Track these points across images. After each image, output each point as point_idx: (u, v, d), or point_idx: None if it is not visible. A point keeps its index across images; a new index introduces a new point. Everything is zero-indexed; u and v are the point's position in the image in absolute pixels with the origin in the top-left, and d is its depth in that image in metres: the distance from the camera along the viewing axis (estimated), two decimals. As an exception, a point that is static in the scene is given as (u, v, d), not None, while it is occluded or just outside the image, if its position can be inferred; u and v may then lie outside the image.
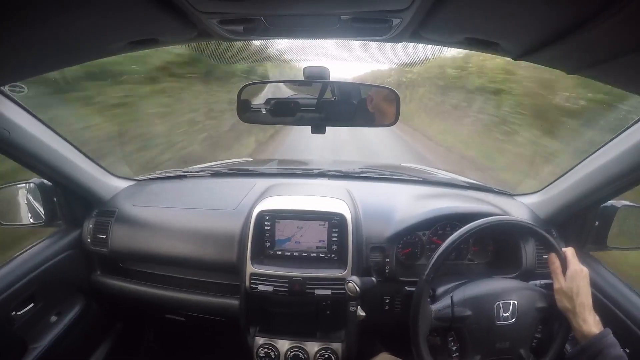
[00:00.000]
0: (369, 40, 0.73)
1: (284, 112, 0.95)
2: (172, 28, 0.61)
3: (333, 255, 1.08)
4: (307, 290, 1.03)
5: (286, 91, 1.03)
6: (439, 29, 0.61)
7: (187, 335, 1.59)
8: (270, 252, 1.09)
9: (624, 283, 1.02)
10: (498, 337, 0.82)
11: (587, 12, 0.42)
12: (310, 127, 0.93)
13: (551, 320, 0.87)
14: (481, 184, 1.43)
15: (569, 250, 0.84)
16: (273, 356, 1.09)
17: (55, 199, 1.18)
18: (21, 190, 1.19)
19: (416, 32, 0.63)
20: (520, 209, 1.24)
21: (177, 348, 1.61)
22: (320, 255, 1.08)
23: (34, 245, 1.12)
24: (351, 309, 1.06)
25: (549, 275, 0.85)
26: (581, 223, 1.13)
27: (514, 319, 0.81)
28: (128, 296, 1.23)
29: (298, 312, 1.15)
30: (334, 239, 1.07)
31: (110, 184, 1.30)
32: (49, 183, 1.15)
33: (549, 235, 0.85)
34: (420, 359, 0.82)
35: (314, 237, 1.07)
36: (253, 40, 0.75)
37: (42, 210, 1.17)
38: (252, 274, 1.05)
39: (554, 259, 0.83)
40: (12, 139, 0.88)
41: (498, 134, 5.76)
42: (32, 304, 1.05)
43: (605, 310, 0.96)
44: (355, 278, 0.93)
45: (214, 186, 1.37)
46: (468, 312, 0.82)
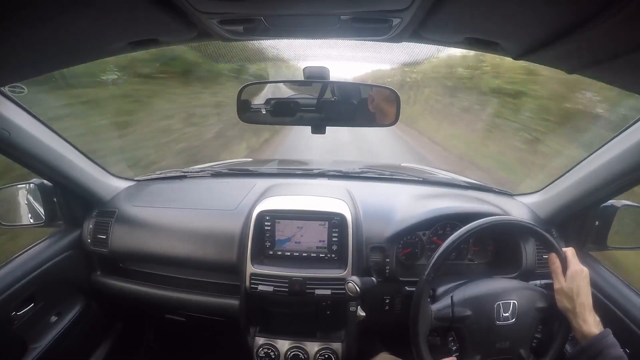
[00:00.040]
0: (369, 40, 0.73)
1: (284, 112, 0.95)
2: (172, 28, 0.61)
3: (333, 256, 1.08)
4: (307, 291, 1.03)
5: (286, 91, 1.03)
6: (439, 28, 0.61)
7: (187, 335, 1.59)
8: (271, 252, 1.09)
9: (624, 283, 1.02)
10: (498, 337, 0.82)
11: (587, 12, 0.42)
12: (310, 128, 0.93)
13: (551, 320, 0.86)
14: (481, 183, 1.43)
15: (569, 250, 0.84)
16: (273, 356, 1.09)
17: (55, 199, 1.18)
18: (21, 190, 1.19)
19: (416, 32, 0.63)
20: (520, 208, 1.24)
21: (177, 348, 1.61)
22: (321, 255, 1.08)
23: (34, 245, 1.12)
24: (351, 309, 1.06)
25: (549, 275, 0.85)
26: (581, 223, 1.13)
27: (514, 319, 0.81)
28: (128, 296, 1.23)
29: (298, 312, 1.15)
30: (334, 239, 1.07)
31: (110, 184, 1.30)
32: (49, 183, 1.15)
33: (549, 235, 0.85)
34: (420, 359, 0.82)
35: (314, 237, 1.07)
36: (253, 40, 0.75)
37: (42, 211, 1.17)
38: (252, 274, 1.05)
39: (554, 259, 0.83)
40: (12, 140, 0.88)
41: (518, 142, 5.05)
42: (32, 304, 1.05)
43: (605, 310, 0.96)
44: (355, 278, 0.93)
45: (214, 186, 1.37)
46: (468, 312, 0.82)
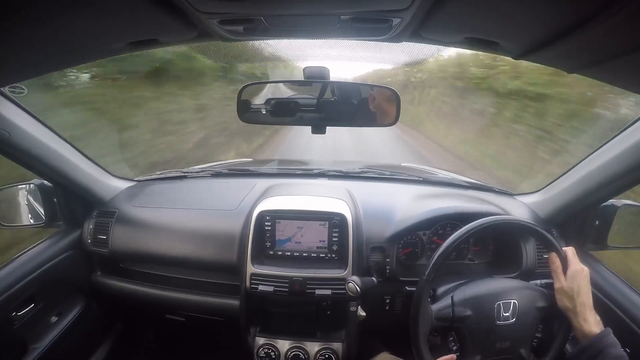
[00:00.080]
0: (369, 40, 0.73)
1: (284, 112, 0.94)
2: (172, 28, 0.61)
3: (333, 255, 1.08)
4: (308, 291, 1.03)
5: (286, 91, 1.03)
6: (439, 28, 0.61)
7: (187, 335, 1.59)
8: (271, 252, 1.09)
9: (624, 282, 1.02)
10: (498, 337, 0.82)
11: (587, 12, 0.42)
12: (310, 129, 0.93)
13: (552, 319, 0.86)
14: (482, 183, 1.43)
15: (570, 250, 0.84)
16: (273, 356, 1.09)
17: (55, 199, 1.18)
18: (21, 191, 1.19)
19: (416, 32, 0.63)
20: (520, 208, 1.24)
21: (177, 348, 1.61)
22: (321, 255, 1.08)
23: (35, 246, 1.12)
24: (351, 309, 1.06)
25: (550, 274, 0.85)
26: (581, 222, 1.13)
27: (514, 319, 0.81)
28: (128, 296, 1.23)
29: (298, 312, 1.15)
30: (334, 239, 1.07)
31: (110, 184, 1.30)
32: (49, 184, 1.15)
33: (549, 235, 0.85)
34: (420, 359, 0.82)
35: (314, 237, 1.07)
36: (253, 40, 0.75)
37: (43, 211, 1.17)
38: (253, 274, 1.05)
39: (555, 259, 0.83)
40: (12, 140, 0.88)
41: (542, 152, 4.43)
42: (33, 305, 1.05)
43: (605, 309, 0.96)
44: (355, 278, 0.93)
45: (214, 186, 1.37)
46: (468, 312, 0.82)
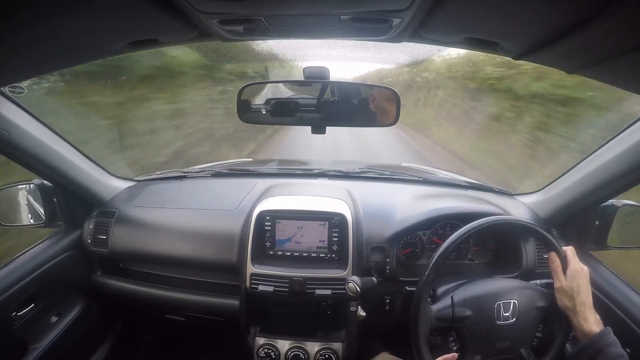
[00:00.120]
0: (369, 40, 0.73)
1: (284, 112, 0.94)
2: (172, 28, 0.61)
3: (333, 255, 1.08)
4: (308, 291, 1.03)
5: (286, 91, 1.03)
6: (439, 28, 0.61)
7: (187, 335, 1.59)
8: (271, 252, 1.09)
9: (624, 282, 1.02)
10: (498, 337, 0.82)
11: (587, 12, 0.42)
12: (310, 130, 0.93)
13: (552, 319, 0.86)
14: (481, 183, 1.43)
15: (569, 249, 0.84)
16: (273, 356, 1.09)
17: (55, 199, 1.18)
18: (21, 191, 1.19)
19: (416, 32, 0.63)
20: (520, 208, 1.24)
21: (177, 348, 1.61)
22: (321, 255, 1.08)
23: (35, 246, 1.12)
24: (351, 309, 1.06)
25: (550, 274, 0.85)
26: (581, 222, 1.13)
27: (514, 319, 0.81)
28: (128, 296, 1.23)
29: (298, 312, 1.15)
30: (334, 239, 1.07)
31: (110, 184, 1.30)
32: (49, 184, 1.15)
33: (549, 235, 0.85)
34: (420, 359, 0.82)
35: (314, 237, 1.07)
36: (253, 40, 0.75)
37: (43, 211, 1.17)
38: (253, 274, 1.05)
39: (554, 258, 0.83)
40: (12, 140, 0.88)
41: (572, 162, 3.08)
42: (33, 305, 1.05)
43: (605, 309, 0.96)
44: (355, 278, 0.93)
45: (214, 186, 1.37)
46: (468, 312, 0.82)
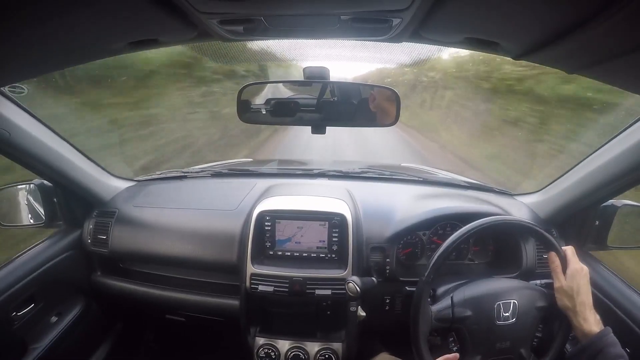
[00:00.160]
0: (369, 40, 0.73)
1: (284, 113, 0.94)
2: (172, 28, 0.61)
3: (333, 256, 1.08)
4: (308, 291, 1.03)
5: (285, 91, 1.03)
6: (439, 28, 0.61)
7: (187, 335, 1.59)
8: (271, 253, 1.09)
9: (624, 282, 1.02)
10: (498, 337, 0.82)
11: (587, 12, 0.42)
12: (310, 131, 0.93)
13: (552, 319, 0.87)
14: (481, 183, 1.43)
15: (569, 249, 0.84)
16: (273, 356, 1.09)
17: (55, 199, 1.18)
18: (21, 191, 1.19)
19: (416, 32, 0.63)
20: (520, 208, 1.24)
21: (177, 348, 1.61)
22: (321, 255, 1.08)
23: (34, 246, 1.12)
24: (351, 309, 1.06)
25: (550, 274, 0.85)
26: (581, 222, 1.13)
27: (514, 319, 0.81)
28: (128, 297, 1.23)
29: (298, 313, 1.15)
30: (334, 239, 1.07)
31: (110, 184, 1.30)
32: (49, 184, 1.15)
33: (549, 235, 0.85)
34: (420, 359, 0.82)
35: (314, 237, 1.07)
36: (253, 40, 0.75)
37: (43, 211, 1.17)
38: (253, 274, 1.05)
39: (554, 258, 0.83)
40: (12, 140, 0.88)
41: None
42: (33, 305, 1.05)
43: (605, 309, 0.96)
44: (355, 278, 0.93)
45: (214, 186, 1.37)
46: (468, 313, 0.82)
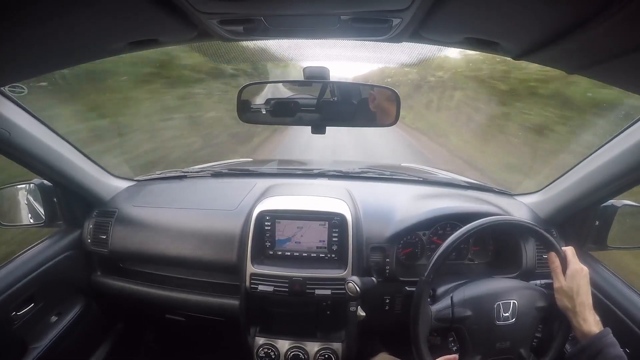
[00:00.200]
0: (369, 40, 0.73)
1: (284, 112, 0.95)
2: (172, 28, 0.61)
3: (333, 256, 1.08)
4: (308, 291, 1.03)
5: (285, 91, 1.03)
6: (439, 28, 0.61)
7: (188, 335, 1.59)
8: (271, 252, 1.09)
9: (624, 283, 1.02)
10: (498, 337, 0.82)
11: (587, 12, 0.42)
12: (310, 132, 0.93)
13: (551, 319, 0.86)
14: (481, 183, 1.43)
15: (569, 250, 0.84)
16: (273, 356, 1.09)
17: (55, 199, 1.18)
18: (21, 190, 1.19)
19: (416, 32, 0.63)
20: (520, 208, 1.24)
21: (178, 348, 1.61)
22: (321, 255, 1.08)
23: (34, 245, 1.12)
24: (351, 309, 1.06)
25: (549, 274, 0.85)
26: (581, 223, 1.13)
27: (514, 319, 0.81)
28: (128, 296, 1.23)
29: (298, 312, 1.15)
30: (334, 239, 1.07)
31: (110, 184, 1.30)
32: (49, 183, 1.15)
33: (549, 235, 0.85)
34: (420, 359, 0.82)
35: (314, 237, 1.07)
36: (253, 40, 0.75)
37: (43, 211, 1.17)
38: (253, 274, 1.05)
39: (554, 258, 0.83)
40: (12, 140, 0.88)
41: None
42: (32, 304, 1.05)
43: (605, 309, 0.96)
44: (355, 278, 0.93)
45: (214, 186, 1.37)
46: (468, 313, 0.82)
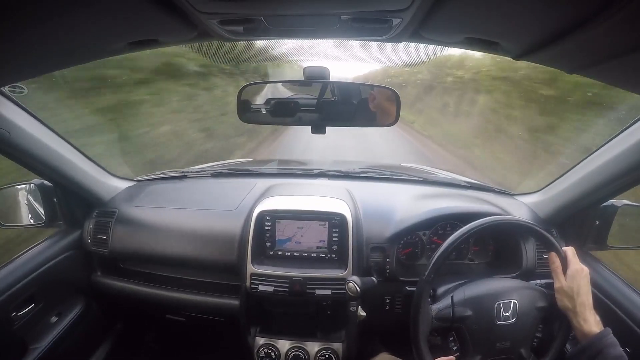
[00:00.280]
0: (369, 40, 0.73)
1: (284, 112, 0.95)
2: (172, 28, 0.61)
3: (333, 256, 1.08)
4: (308, 291, 1.03)
5: (285, 91, 1.03)
6: (439, 28, 0.61)
7: (188, 335, 1.59)
8: (271, 253, 1.09)
9: (624, 282, 1.02)
10: (498, 337, 0.82)
11: (587, 12, 0.42)
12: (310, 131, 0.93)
13: (552, 319, 0.86)
14: (481, 183, 1.43)
15: (569, 250, 0.84)
16: (273, 356, 1.09)
17: (55, 199, 1.18)
18: (21, 191, 1.19)
19: (416, 32, 0.63)
20: (520, 208, 1.24)
21: (178, 348, 1.61)
22: (321, 255, 1.08)
23: (35, 246, 1.12)
24: (351, 309, 1.06)
25: (550, 274, 0.85)
26: (581, 222, 1.13)
27: (514, 319, 0.81)
28: (128, 297, 1.23)
29: (298, 312, 1.15)
30: (334, 239, 1.07)
31: (110, 184, 1.30)
32: (49, 184, 1.15)
33: (549, 235, 0.85)
34: (420, 359, 0.82)
35: (314, 237, 1.07)
36: (253, 40, 0.75)
37: (43, 211, 1.17)
38: (253, 274, 1.05)
39: (554, 258, 0.83)
40: (12, 140, 0.88)
41: None
42: (33, 305, 1.05)
43: (605, 309, 0.96)
44: (355, 278, 0.93)
45: (214, 186, 1.37)
46: (468, 312, 0.82)
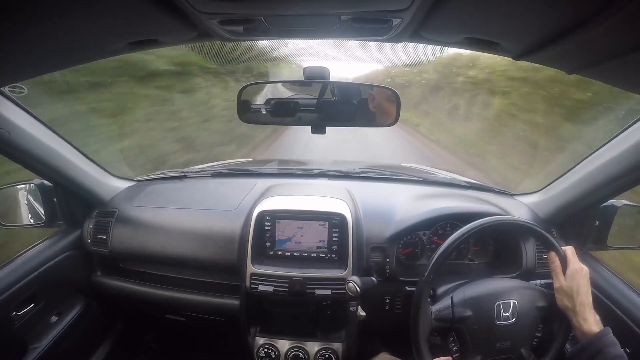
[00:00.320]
0: (369, 40, 0.73)
1: (284, 113, 0.95)
2: (172, 28, 0.61)
3: (333, 256, 1.08)
4: (308, 291, 1.03)
5: (285, 91, 1.03)
6: (439, 28, 0.61)
7: (188, 335, 1.59)
8: (271, 252, 1.09)
9: (624, 282, 1.02)
10: (498, 337, 0.82)
11: (587, 12, 0.42)
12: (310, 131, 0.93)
13: (551, 319, 0.87)
14: (481, 183, 1.43)
15: (569, 249, 0.85)
16: (273, 356, 1.09)
17: (55, 199, 1.18)
18: (21, 191, 1.19)
19: (416, 32, 0.63)
20: (520, 208, 1.24)
21: (178, 348, 1.61)
22: (321, 255, 1.08)
23: (35, 245, 1.12)
24: (351, 309, 1.06)
25: (549, 274, 0.85)
26: (581, 222, 1.13)
27: (514, 319, 0.81)
28: (128, 296, 1.23)
29: (298, 312, 1.15)
30: (334, 239, 1.07)
31: (110, 184, 1.30)
32: (49, 184, 1.15)
33: (549, 235, 0.85)
34: (420, 359, 0.82)
35: (314, 237, 1.07)
36: (253, 40, 0.75)
37: (43, 211, 1.17)
38: (253, 274, 1.05)
39: (554, 258, 0.84)
40: (12, 140, 0.88)
41: None
42: (33, 304, 1.05)
43: (605, 309, 0.96)
44: (355, 278, 0.93)
45: (214, 186, 1.37)
46: (468, 313, 0.82)
